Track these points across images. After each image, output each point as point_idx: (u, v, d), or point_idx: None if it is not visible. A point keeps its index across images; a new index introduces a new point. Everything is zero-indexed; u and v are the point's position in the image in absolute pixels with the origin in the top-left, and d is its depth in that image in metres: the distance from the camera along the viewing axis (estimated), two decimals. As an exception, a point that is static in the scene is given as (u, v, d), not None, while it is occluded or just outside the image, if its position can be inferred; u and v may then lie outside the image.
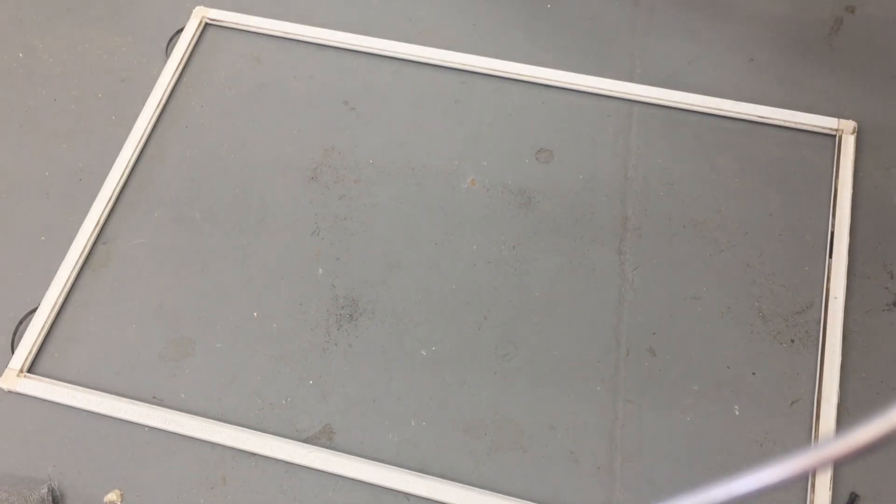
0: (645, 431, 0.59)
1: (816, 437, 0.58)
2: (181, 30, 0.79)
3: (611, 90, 0.73)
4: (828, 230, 0.67)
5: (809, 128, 0.71)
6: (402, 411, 0.60)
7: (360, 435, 0.60)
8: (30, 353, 0.63)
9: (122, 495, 0.58)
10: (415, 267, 0.66)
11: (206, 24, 0.80)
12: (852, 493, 0.56)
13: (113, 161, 0.72)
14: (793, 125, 0.71)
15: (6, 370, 0.62)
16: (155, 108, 0.74)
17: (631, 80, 0.74)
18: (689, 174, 0.70)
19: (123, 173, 0.71)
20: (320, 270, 0.66)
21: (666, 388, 0.61)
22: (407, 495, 0.57)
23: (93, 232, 0.68)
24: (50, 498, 0.57)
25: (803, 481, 0.57)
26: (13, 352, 0.63)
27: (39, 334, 0.64)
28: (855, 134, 0.70)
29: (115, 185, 0.70)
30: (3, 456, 0.60)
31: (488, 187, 0.69)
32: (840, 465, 0.57)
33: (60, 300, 0.65)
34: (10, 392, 0.62)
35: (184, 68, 0.77)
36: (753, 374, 0.61)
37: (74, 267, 0.67)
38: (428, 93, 0.75)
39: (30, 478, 0.59)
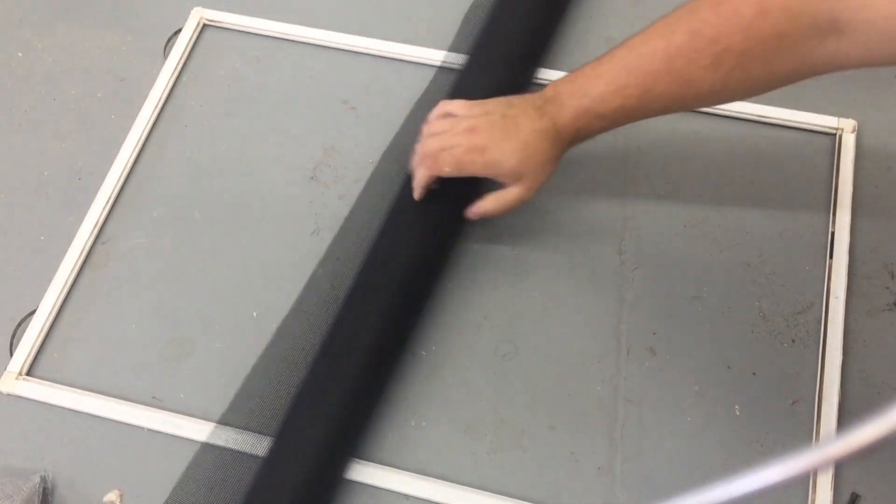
0: (645, 431, 0.59)
1: (817, 436, 0.58)
2: (180, 30, 0.79)
3: (611, 90, 0.73)
4: (828, 230, 0.66)
5: (809, 127, 0.71)
6: (402, 411, 0.60)
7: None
8: (29, 355, 0.63)
9: (121, 496, 0.58)
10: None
11: (205, 25, 0.80)
12: (853, 494, 0.56)
13: (112, 161, 0.72)
14: (792, 124, 0.71)
15: (5, 373, 0.62)
16: (154, 108, 0.74)
17: (631, 79, 0.74)
18: (689, 174, 0.70)
19: (123, 173, 0.71)
20: (320, 270, 0.66)
21: (666, 388, 0.61)
22: (407, 496, 0.57)
23: (92, 232, 0.68)
24: (41, 489, 0.57)
25: (804, 481, 0.56)
26: (12, 354, 0.63)
27: (38, 336, 0.64)
28: (855, 133, 0.70)
29: (114, 184, 0.70)
30: (3, 458, 0.60)
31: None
32: (841, 465, 0.57)
33: (59, 301, 0.65)
34: (9, 395, 0.62)
35: (182, 68, 0.77)
36: (754, 374, 0.61)
37: (74, 267, 0.66)
38: (428, 92, 0.75)
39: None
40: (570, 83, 0.56)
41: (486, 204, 0.60)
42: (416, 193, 0.61)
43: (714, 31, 0.49)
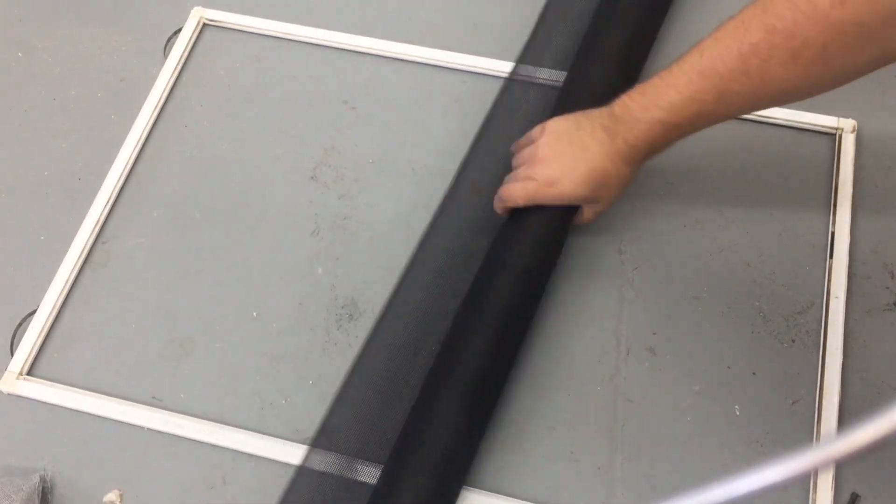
0: (645, 431, 0.59)
1: (817, 436, 0.58)
2: (180, 30, 0.79)
3: (611, 90, 0.73)
4: (828, 230, 0.66)
5: (809, 126, 0.71)
6: (402, 412, 0.60)
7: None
8: (29, 355, 0.63)
9: (121, 495, 0.58)
10: (415, 267, 0.66)
11: (205, 25, 0.80)
12: (853, 494, 0.56)
13: (112, 161, 0.72)
14: (792, 124, 0.71)
15: (6, 373, 0.62)
16: (154, 107, 0.74)
17: (631, 79, 0.74)
18: (689, 174, 0.70)
19: (123, 173, 0.71)
20: (320, 270, 0.66)
21: (666, 388, 0.61)
22: (407, 496, 0.57)
23: (92, 232, 0.68)
24: (41, 488, 0.57)
25: (804, 481, 0.56)
26: (12, 354, 0.63)
27: (39, 336, 0.64)
28: (855, 133, 0.70)
29: (114, 184, 0.70)
30: (3, 457, 0.60)
31: (488, 187, 0.69)
32: (842, 465, 0.57)
33: (60, 301, 0.65)
34: (9, 395, 0.62)
35: (182, 68, 0.77)
36: (754, 374, 0.61)
37: (74, 267, 0.66)
38: (428, 93, 0.75)
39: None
40: (640, 96, 0.55)
41: (577, 220, 0.63)
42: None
43: (790, 25, 0.46)
